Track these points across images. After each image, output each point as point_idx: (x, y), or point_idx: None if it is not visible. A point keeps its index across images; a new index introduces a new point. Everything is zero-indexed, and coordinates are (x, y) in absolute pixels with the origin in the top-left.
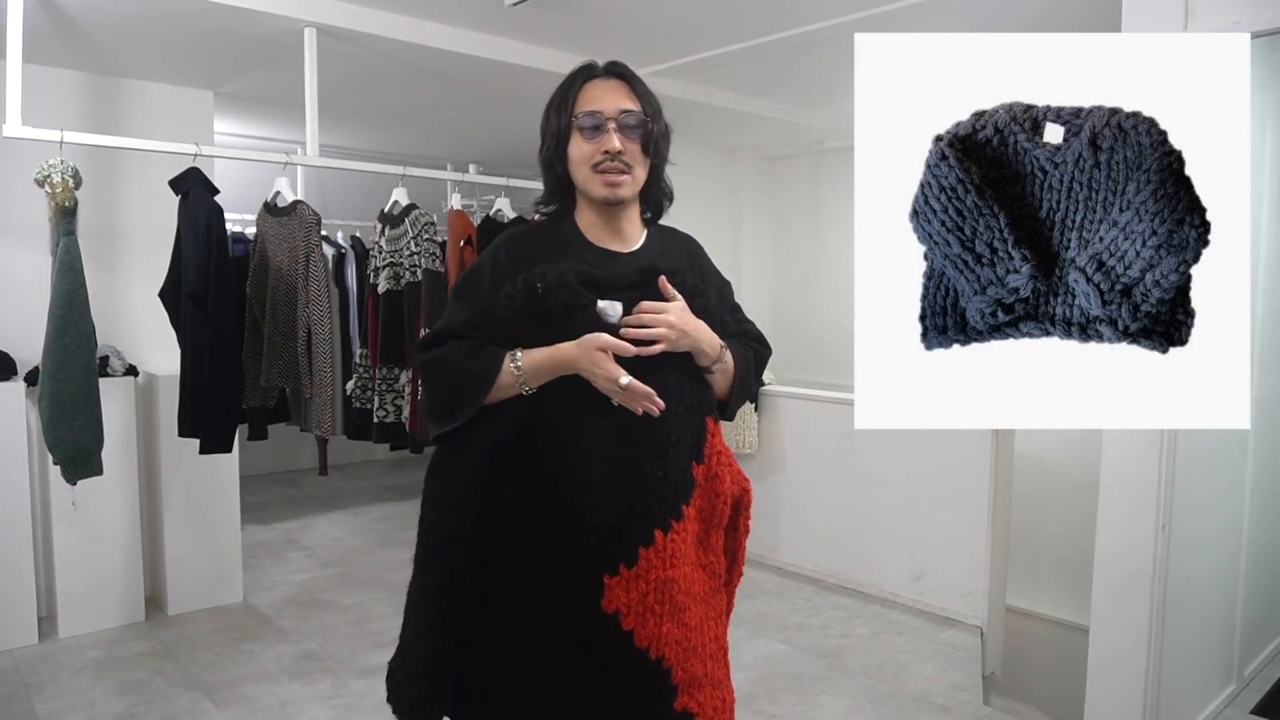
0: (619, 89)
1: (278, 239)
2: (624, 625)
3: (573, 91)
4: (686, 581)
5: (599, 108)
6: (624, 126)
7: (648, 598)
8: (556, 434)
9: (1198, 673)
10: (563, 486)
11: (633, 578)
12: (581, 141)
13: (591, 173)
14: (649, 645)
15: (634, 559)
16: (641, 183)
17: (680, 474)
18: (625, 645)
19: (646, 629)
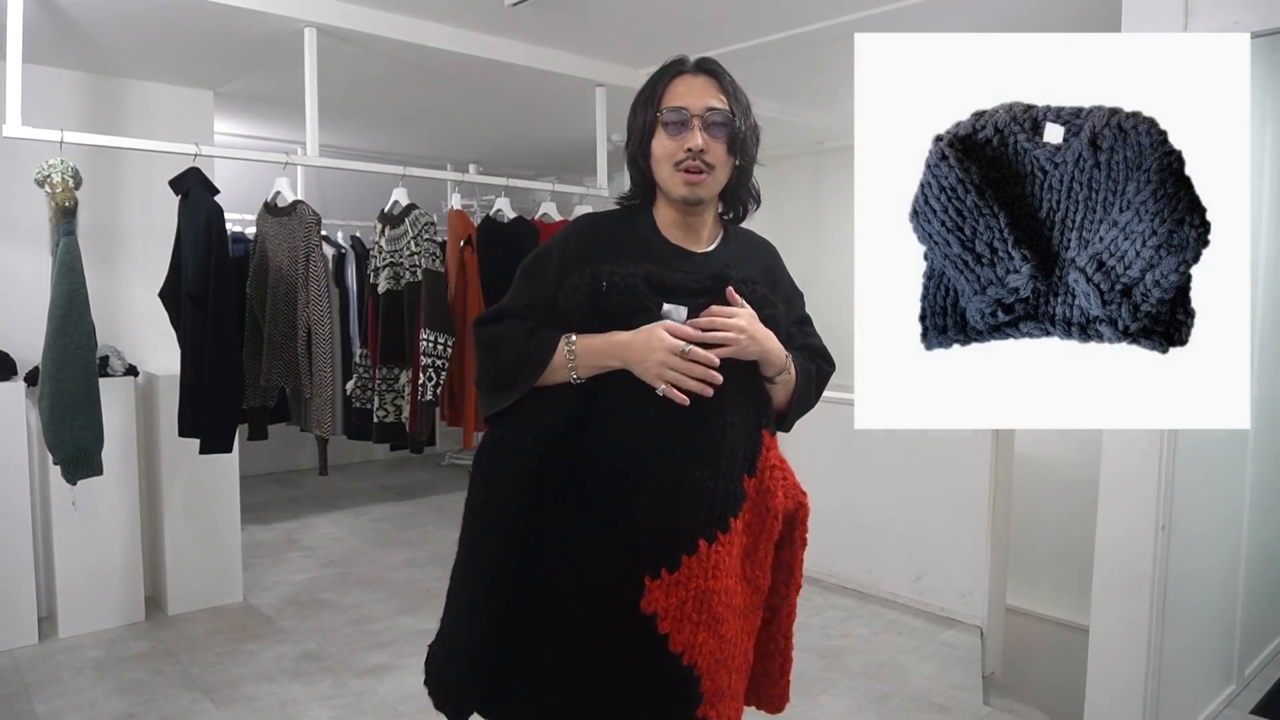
0: (707, 85)
1: (278, 239)
2: (660, 628)
3: (660, 86)
4: (728, 594)
5: (685, 104)
6: (709, 124)
7: (686, 605)
8: (606, 431)
9: (1198, 673)
10: (611, 484)
11: (674, 583)
12: (665, 138)
13: (673, 170)
14: (683, 651)
15: (676, 565)
16: (723, 183)
17: (730, 485)
18: (660, 648)
19: (683, 635)
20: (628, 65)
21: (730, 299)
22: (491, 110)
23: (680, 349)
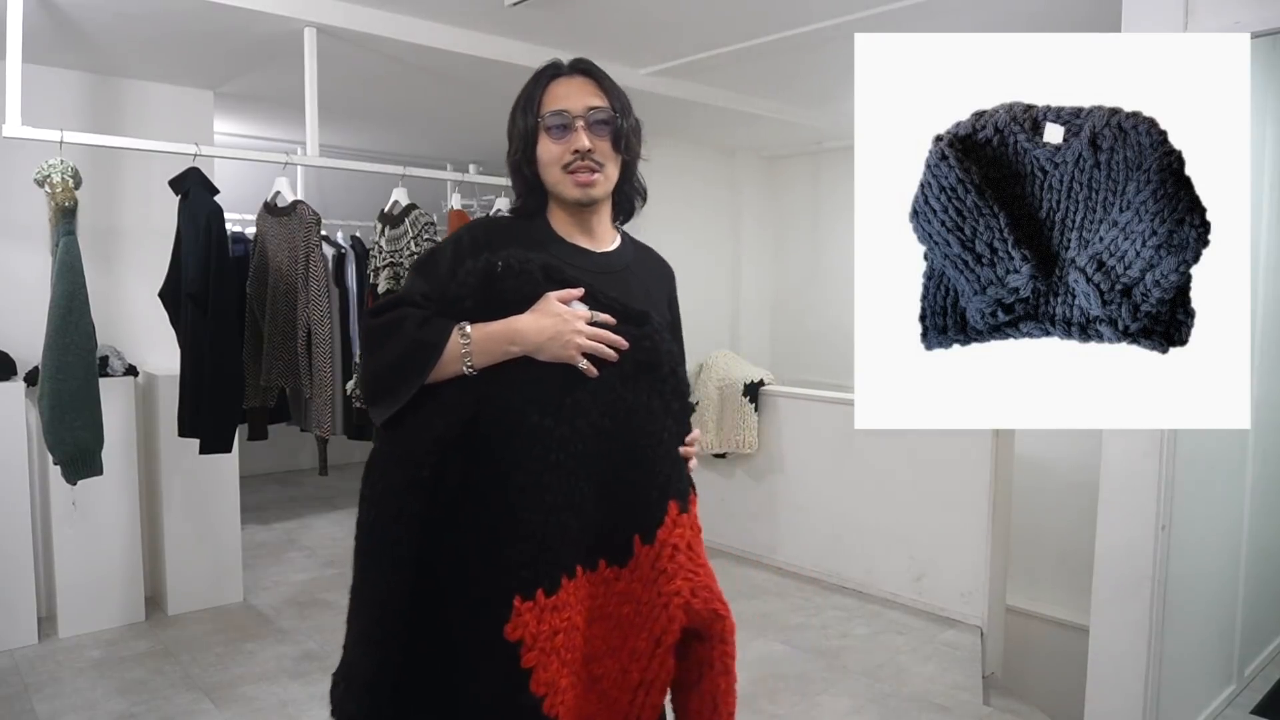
0: (585, 86)
1: (278, 239)
2: (524, 660)
3: (538, 91)
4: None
5: (566, 106)
6: (593, 124)
7: (557, 639)
8: (494, 433)
9: (1198, 673)
10: (498, 492)
11: (549, 608)
12: (550, 142)
13: (562, 174)
14: (545, 695)
15: (555, 587)
16: (614, 181)
17: (613, 528)
18: (520, 686)
19: (548, 673)
20: (628, 65)
21: None
22: (492, 110)
23: (590, 318)
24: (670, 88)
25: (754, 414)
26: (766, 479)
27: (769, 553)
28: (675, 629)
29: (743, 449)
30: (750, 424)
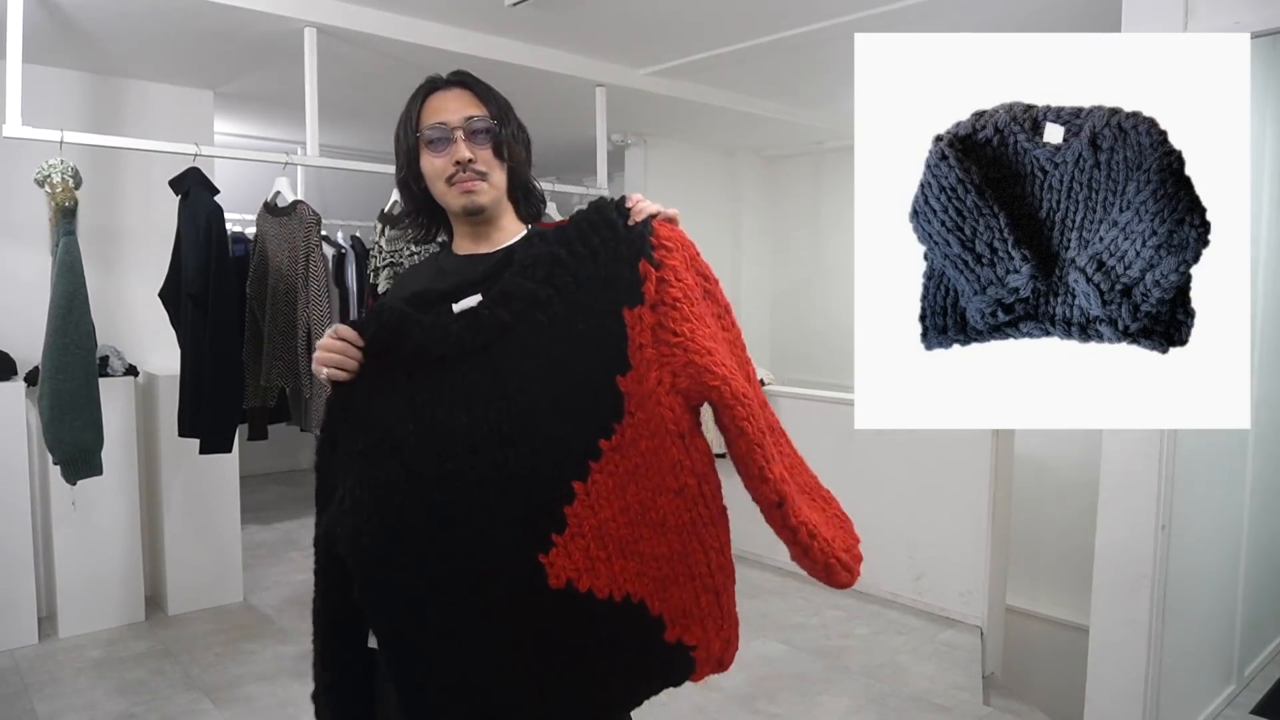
0: (463, 96)
1: (278, 239)
2: (581, 588)
3: (416, 108)
4: (628, 513)
5: (443, 119)
6: (472, 133)
7: (590, 549)
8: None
9: (1198, 673)
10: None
11: (569, 539)
12: (431, 157)
13: (447, 186)
14: (610, 592)
15: (563, 522)
16: (501, 188)
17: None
18: (591, 605)
19: (601, 578)
20: (628, 65)
21: None
22: None
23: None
24: (670, 88)
25: None
26: None
27: (769, 553)
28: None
29: None
30: None
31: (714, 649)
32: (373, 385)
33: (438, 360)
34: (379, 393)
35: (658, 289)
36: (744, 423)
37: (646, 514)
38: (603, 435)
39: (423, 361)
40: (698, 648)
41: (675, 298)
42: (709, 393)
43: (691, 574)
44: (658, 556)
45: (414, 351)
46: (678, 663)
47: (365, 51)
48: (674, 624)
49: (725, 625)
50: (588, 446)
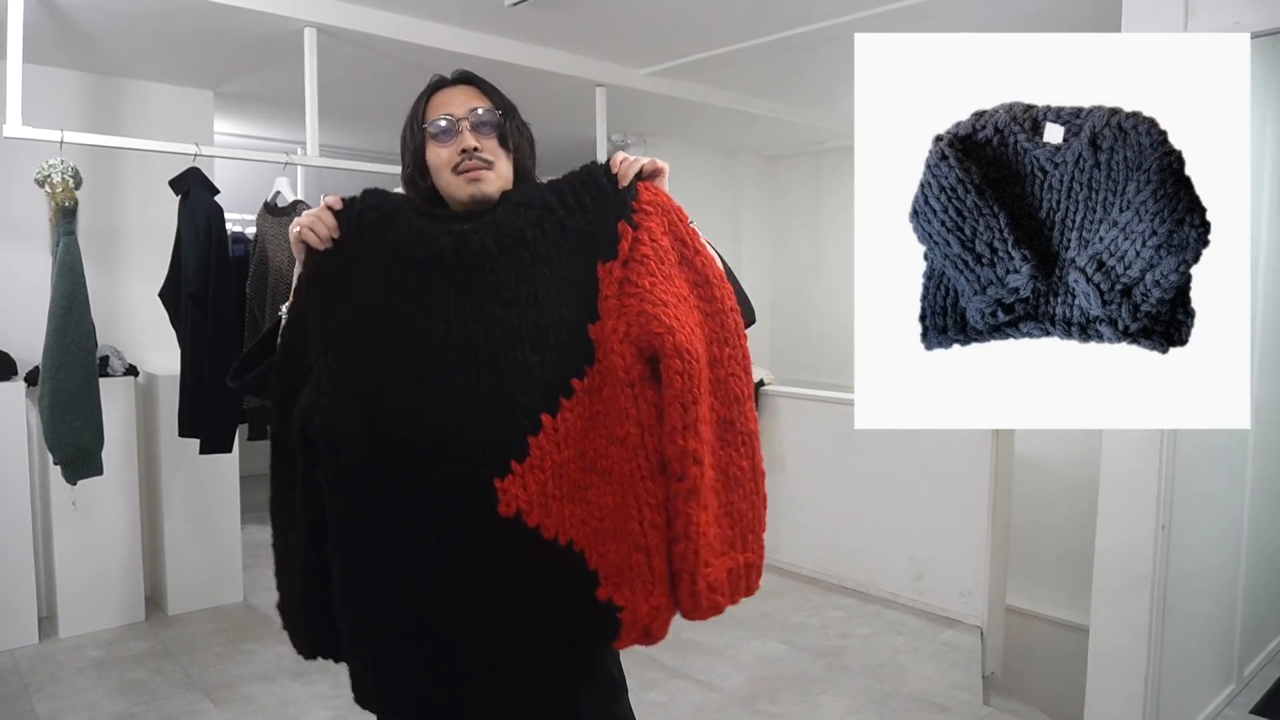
0: (467, 91)
1: (278, 239)
2: (529, 522)
3: (422, 105)
4: (585, 457)
5: (449, 111)
6: (477, 125)
7: (547, 486)
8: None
9: (1198, 673)
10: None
11: (527, 470)
12: (437, 148)
13: (453, 175)
14: (556, 534)
15: (525, 451)
16: (507, 179)
17: (566, 349)
18: (536, 543)
19: (551, 516)
20: (628, 65)
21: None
22: None
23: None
24: (670, 88)
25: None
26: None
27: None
28: (633, 360)
29: None
30: None
31: (641, 612)
32: (348, 267)
33: (416, 265)
34: (354, 278)
35: (631, 247)
36: (677, 376)
37: (598, 461)
38: (576, 375)
39: (402, 260)
40: (625, 609)
41: (644, 255)
42: (654, 340)
43: (626, 529)
44: (602, 507)
45: (395, 244)
46: (606, 622)
47: (365, 51)
48: (607, 581)
49: (655, 591)
50: (561, 382)
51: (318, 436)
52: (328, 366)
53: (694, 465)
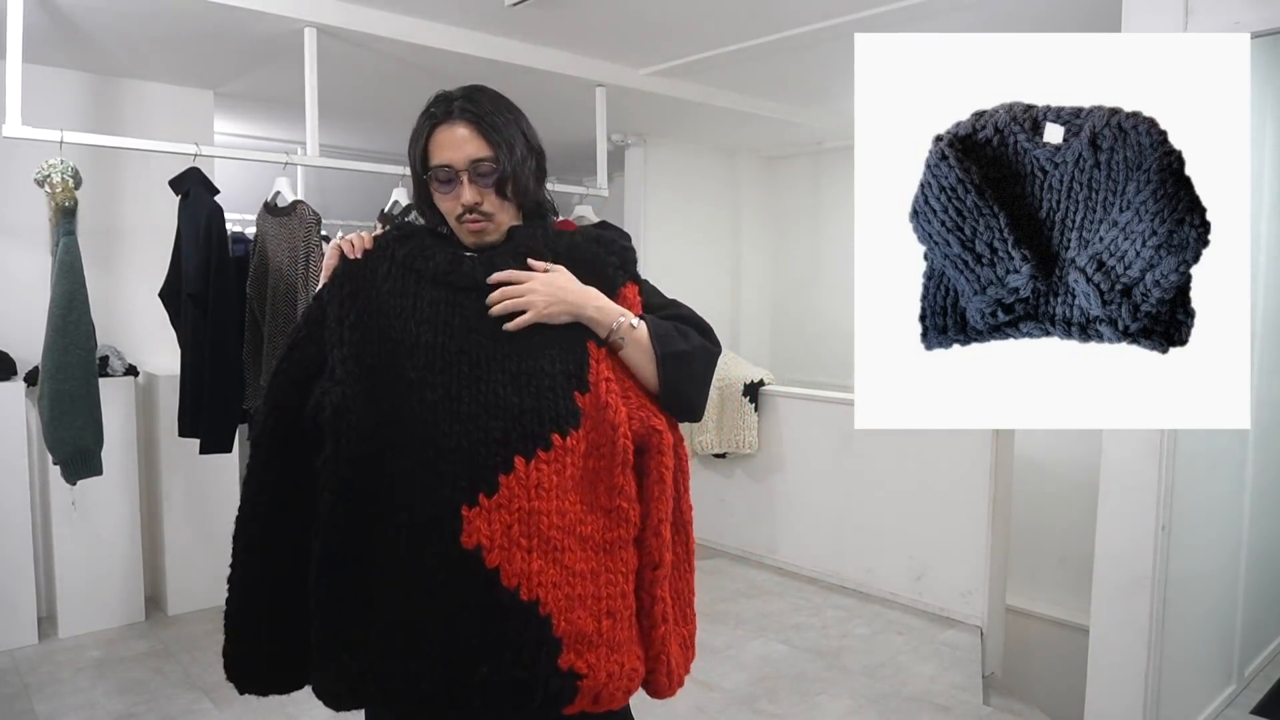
0: (468, 135)
1: (278, 239)
2: (488, 562)
3: (422, 140)
4: (565, 518)
5: (449, 160)
6: (477, 176)
7: (512, 529)
8: (395, 351)
9: (1198, 673)
10: (410, 408)
11: (494, 507)
12: (441, 196)
13: (458, 223)
14: (519, 585)
15: (494, 487)
16: (508, 223)
17: (548, 400)
18: (492, 584)
19: (514, 565)
20: (628, 65)
21: (531, 266)
22: None
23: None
24: (670, 88)
25: (754, 414)
26: (766, 479)
27: (769, 553)
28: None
29: (743, 449)
30: (750, 424)
31: (599, 679)
32: (368, 276)
33: (414, 274)
34: (370, 284)
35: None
36: (666, 472)
37: (577, 526)
38: (557, 430)
39: (402, 269)
40: (586, 677)
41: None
42: (651, 437)
43: (599, 594)
44: (577, 574)
45: (404, 257)
46: (562, 690)
47: (365, 51)
48: (570, 648)
49: (612, 657)
50: (540, 431)
51: (327, 423)
52: (342, 358)
53: (669, 554)
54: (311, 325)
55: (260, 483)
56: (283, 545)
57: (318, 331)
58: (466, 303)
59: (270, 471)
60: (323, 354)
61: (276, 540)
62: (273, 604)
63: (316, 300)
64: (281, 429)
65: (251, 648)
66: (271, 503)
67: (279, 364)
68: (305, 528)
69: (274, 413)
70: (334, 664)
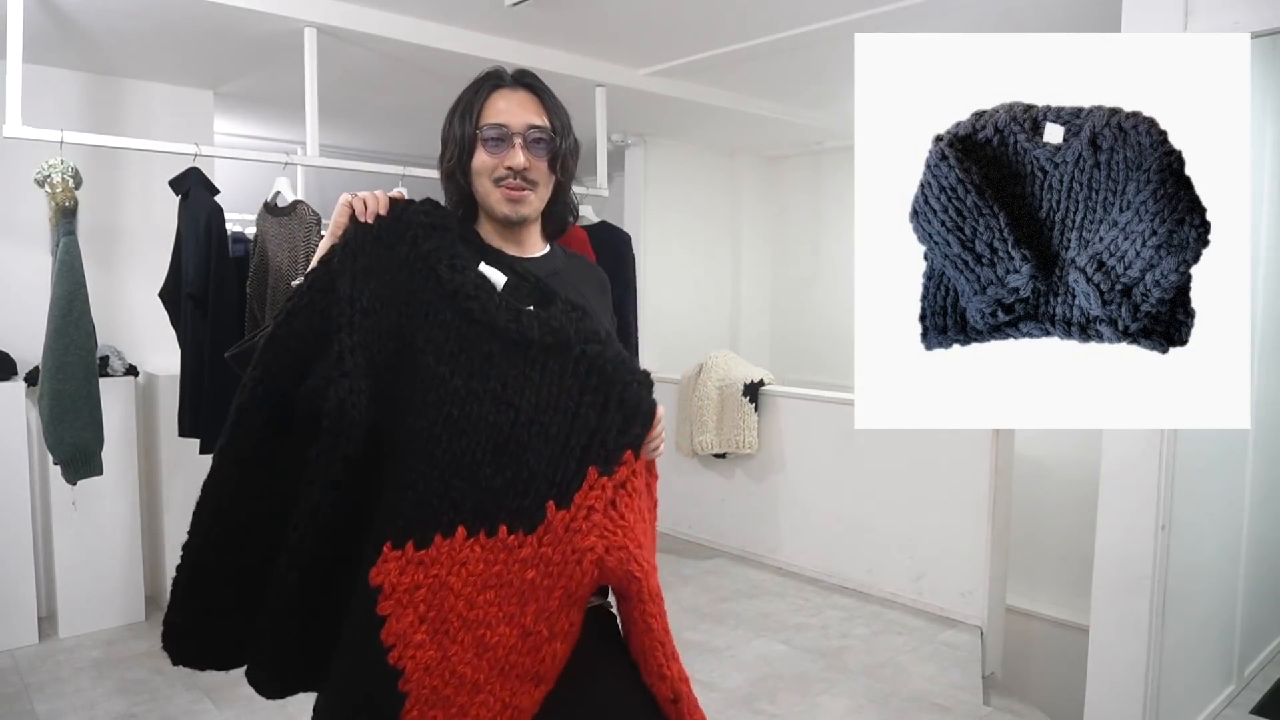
0: (527, 102)
1: (278, 239)
2: (379, 609)
3: (479, 101)
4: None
5: (505, 120)
6: (531, 142)
7: (418, 592)
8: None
9: (1198, 673)
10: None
11: (414, 561)
12: (485, 154)
13: (492, 186)
14: (394, 644)
15: (426, 542)
16: (545, 200)
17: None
18: (373, 629)
19: (400, 625)
20: (628, 65)
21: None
22: None
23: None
24: (670, 88)
25: (754, 414)
26: (766, 479)
27: (769, 553)
28: (588, 583)
29: (743, 449)
30: (750, 424)
31: None
32: (384, 253)
33: (435, 280)
34: (386, 267)
35: (628, 475)
36: (652, 619)
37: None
38: (508, 524)
39: (425, 270)
40: None
41: (635, 489)
42: (628, 582)
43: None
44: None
45: (428, 252)
46: None
47: (365, 51)
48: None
49: None
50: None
51: (329, 416)
52: (351, 347)
53: (684, 684)
54: (317, 293)
55: (238, 453)
56: (249, 522)
57: (323, 302)
58: (478, 342)
59: (249, 445)
60: (326, 329)
61: (244, 516)
62: (226, 581)
63: (324, 265)
64: (272, 400)
65: (195, 621)
66: (247, 477)
67: (276, 328)
68: (278, 511)
69: (265, 380)
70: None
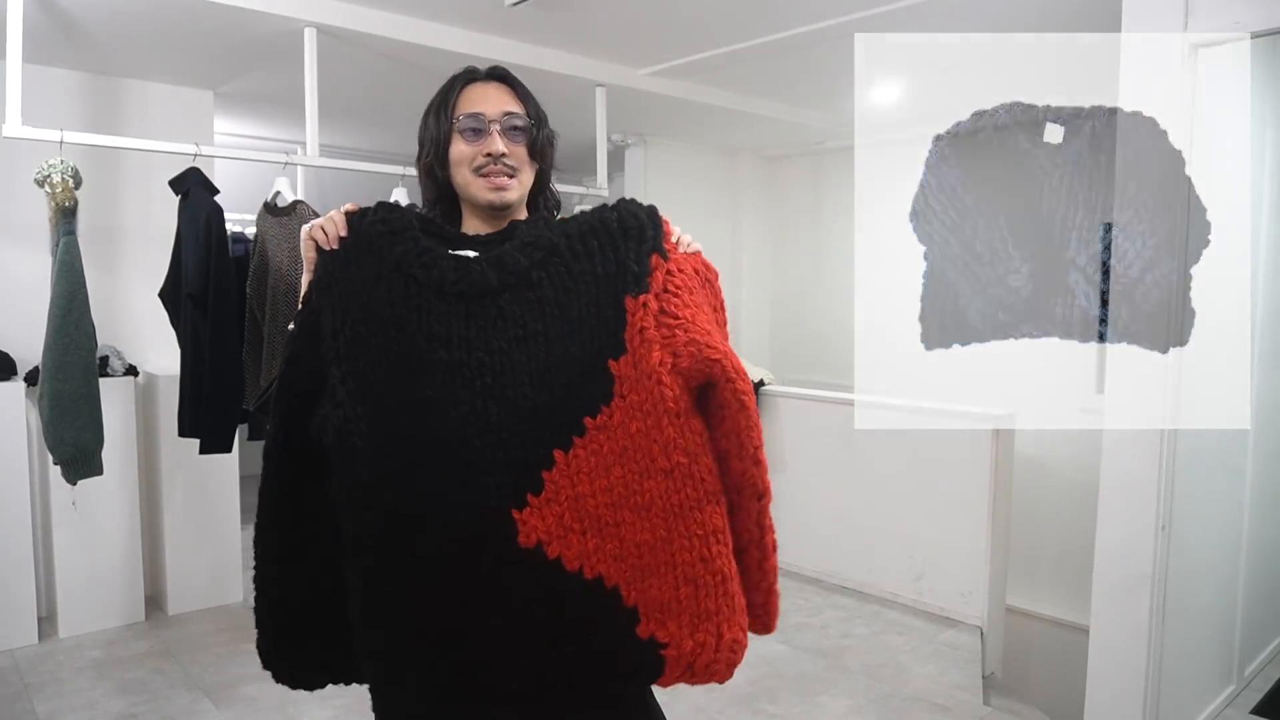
0: (501, 92)
1: (278, 239)
2: (549, 554)
3: (453, 95)
4: (612, 494)
5: (481, 109)
6: (508, 129)
7: (564, 518)
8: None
9: (1198, 673)
10: (442, 429)
11: (543, 504)
12: (462, 144)
13: (473, 175)
14: (580, 566)
15: (540, 485)
16: (528, 186)
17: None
18: (557, 573)
19: (572, 549)
20: (628, 65)
21: None
22: None
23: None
24: (670, 88)
25: None
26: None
27: None
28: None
29: None
30: None
31: (685, 648)
32: (354, 275)
33: (417, 285)
34: (359, 288)
35: (665, 279)
36: (745, 397)
37: (631, 497)
38: (588, 413)
39: (403, 278)
40: (669, 646)
41: (678, 286)
42: (711, 367)
43: (673, 562)
44: (639, 544)
45: (397, 261)
46: (647, 660)
47: (365, 51)
48: (649, 618)
49: (701, 626)
50: (573, 420)
51: (332, 448)
52: (341, 376)
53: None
54: (306, 338)
55: (274, 493)
56: (304, 553)
57: (314, 344)
58: (480, 311)
59: (283, 482)
60: (321, 368)
61: (296, 548)
62: (297, 608)
63: (306, 306)
64: (293, 440)
65: (277, 644)
66: (288, 513)
67: (281, 375)
68: (326, 535)
69: (283, 425)
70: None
